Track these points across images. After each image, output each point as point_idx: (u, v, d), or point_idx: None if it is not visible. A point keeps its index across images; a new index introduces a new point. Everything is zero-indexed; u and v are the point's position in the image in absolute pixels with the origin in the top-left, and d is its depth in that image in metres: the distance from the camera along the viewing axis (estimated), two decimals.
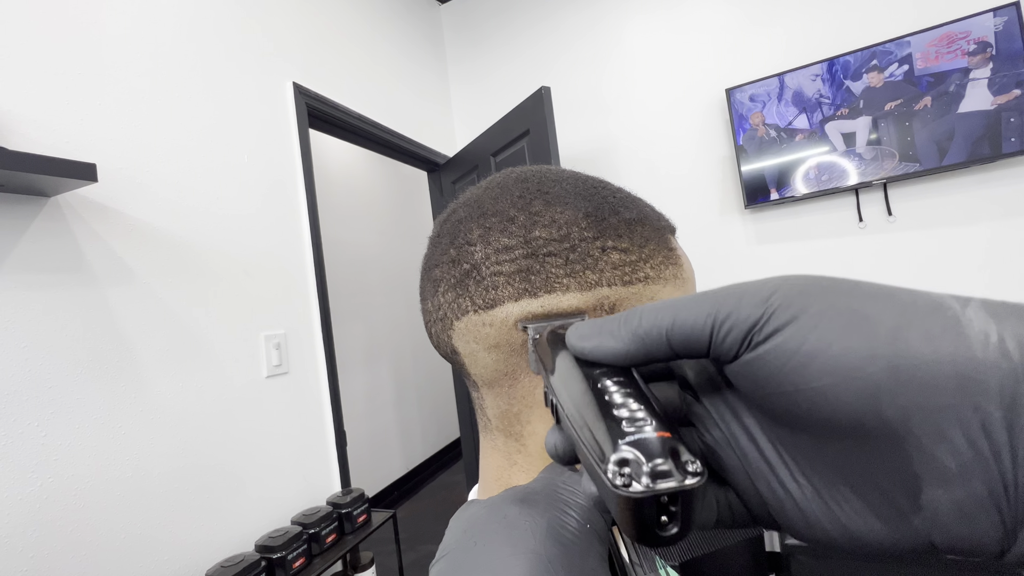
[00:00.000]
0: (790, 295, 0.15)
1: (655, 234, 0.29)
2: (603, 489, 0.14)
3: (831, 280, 0.15)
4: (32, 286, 0.85)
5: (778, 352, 0.14)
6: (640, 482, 0.13)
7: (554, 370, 0.20)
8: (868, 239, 1.77)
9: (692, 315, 0.16)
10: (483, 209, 0.29)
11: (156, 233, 1.05)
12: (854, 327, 0.13)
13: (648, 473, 0.13)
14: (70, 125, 0.92)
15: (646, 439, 0.14)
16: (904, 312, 0.13)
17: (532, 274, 0.27)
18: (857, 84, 1.70)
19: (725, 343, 0.15)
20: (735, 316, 0.15)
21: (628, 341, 0.17)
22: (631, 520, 0.13)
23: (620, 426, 0.15)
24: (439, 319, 0.30)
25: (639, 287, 0.28)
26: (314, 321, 1.43)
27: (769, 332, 0.14)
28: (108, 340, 0.94)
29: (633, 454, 0.14)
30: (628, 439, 0.14)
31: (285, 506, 1.24)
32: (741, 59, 1.91)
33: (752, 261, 1.93)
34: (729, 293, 0.16)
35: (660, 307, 0.17)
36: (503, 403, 0.30)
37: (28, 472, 0.81)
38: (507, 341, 0.28)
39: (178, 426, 1.04)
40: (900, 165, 1.65)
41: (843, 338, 0.13)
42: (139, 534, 0.94)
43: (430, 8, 2.40)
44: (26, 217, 0.85)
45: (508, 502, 0.22)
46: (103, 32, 1.00)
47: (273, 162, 1.37)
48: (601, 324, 0.18)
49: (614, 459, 0.14)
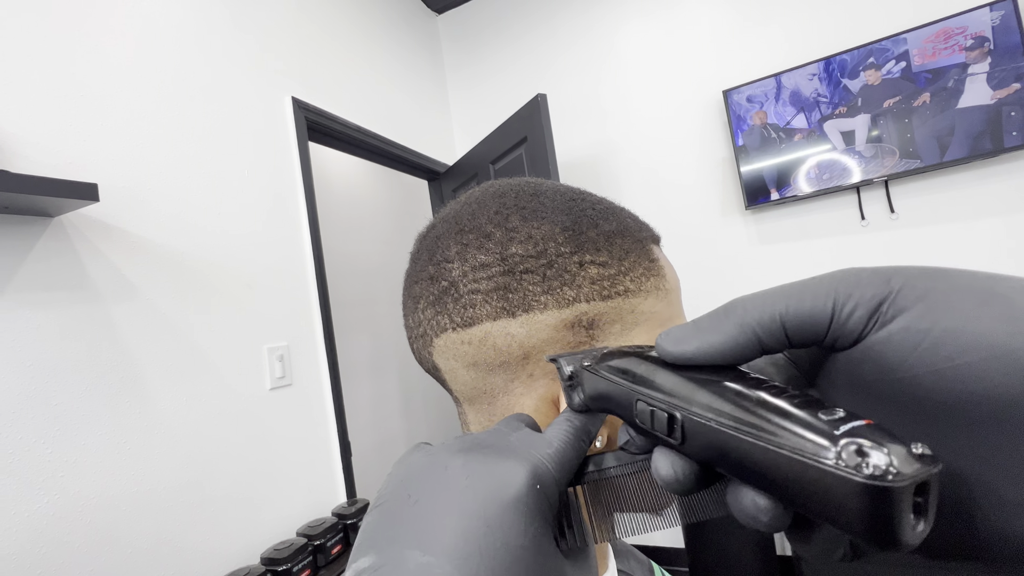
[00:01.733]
0: (912, 275, 0.14)
1: (636, 246, 0.29)
2: (835, 488, 0.12)
3: (940, 267, 0.15)
4: (37, 305, 0.86)
5: (910, 331, 0.13)
6: (894, 470, 0.11)
7: (650, 382, 0.17)
8: (871, 237, 1.75)
9: (809, 297, 0.15)
10: (461, 225, 0.29)
11: (158, 249, 1.06)
12: (989, 304, 0.13)
13: (899, 457, 0.11)
14: (72, 146, 0.94)
15: (861, 426, 0.12)
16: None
17: (510, 292, 0.27)
18: (855, 82, 1.70)
19: (849, 323, 0.14)
20: (858, 294, 0.14)
21: (736, 334, 0.16)
22: (885, 519, 0.11)
23: (816, 416, 0.13)
24: (420, 336, 0.30)
25: (618, 300, 0.27)
26: (317, 332, 1.44)
27: (897, 310, 0.14)
28: (113, 356, 0.96)
29: (863, 444, 0.12)
30: (844, 428, 0.12)
31: (290, 518, 1.24)
32: (738, 60, 1.91)
33: (755, 261, 1.92)
34: (845, 274, 0.15)
35: (765, 295, 0.16)
36: (484, 419, 0.30)
37: (35, 488, 0.82)
38: (485, 360, 0.27)
39: (182, 440, 1.04)
40: (901, 162, 1.64)
41: (980, 315, 0.13)
42: (145, 548, 0.95)
43: (427, 19, 2.43)
44: (30, 237, 0.86)
45: (452, 452, 0.20)
46: (105, 54, 1.02)
47: (274, 176, 1.38)
48: (695, 324, 0.17)
49: (849, 449, 0.12)
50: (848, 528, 0.12)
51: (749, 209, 1.88)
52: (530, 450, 0.19)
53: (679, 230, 2.03)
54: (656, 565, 0.49)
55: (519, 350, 0.27)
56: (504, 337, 0.27)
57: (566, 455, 0.20)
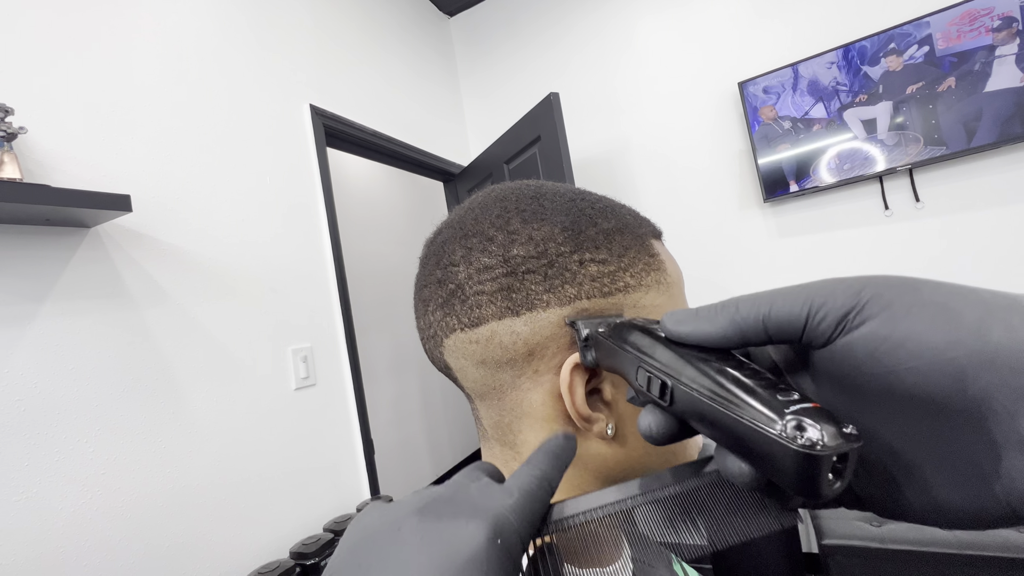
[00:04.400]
0: (880, 289, 0.17)
1: (635, 242, 0.30)
2: (777, 452, 0.15)
3: (916, 279, 0.17)
4: (78, 311, 0.91)
5: (871, 337, 0.16)
6: (822, 443, 0.14)
7: (650, 354, 0.21)
8: (895, 227, 1.71)
9: (789, 303, 0.18)
10: (465, 230, 0.30)
11: (187, 256, 1.10)
12: (941, 318, 0.15)
13: (828, 434, 0.15)
14: (106, 160, 0.98)
15: (808, 408, 0.16)
16: (986, 306, 0.15)
17: (513, 292, 0.28)
18: (875, 69, 1.66)
19: (820, 328, 0.17)
20: (830, 304, 0.17)
21: (725, 326, 0.19)
22: (809, 478, 0.15)
23: (774, 396, 0.16)
24: (431, 337, 0.32)
25: (619, 296, 0.28)
26: (338, 334, 1.47)
27: (863, 319, 0.16)
28: (147, 359, 1.00)
29: (803, 421, 0.15)
30: (792, 408, 0.16)
31: (317, 513, 1.28)
32: (753, 51, 1.89)
33: (774, 255, 1.89)
34: (823, 285, 0.18)
35: (756, 297, 0.19)
36: (495, 414, 0.31)
37: (79, 485, 0.87)
38: (493, 357, 0.29)
39: (214, 438, 1.09)
40: (925, 150, 1.60)
41: (932, 327, 0.15)
42: (181, 543, 0.99)
43: (439, 22, 2.45)
44: (70, 248, 0.91)
45: (407, 512, 0.19)
46: (134, 72, 1.07)
47: (294, 182, 1.42)
48: (695, 311, 0.20)
49: (790, 425, 0.15)
50: (784, 483, 0.16)
51: (767, 202, 1.85)
52: (490, 502, 0.19)
53: (696, 225, 2.01)
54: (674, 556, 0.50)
55: (524, 347, 0.28)
56: (509, 335, 0.28)
57: (528, 505, 0.20)
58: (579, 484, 0.30)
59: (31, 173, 0.86)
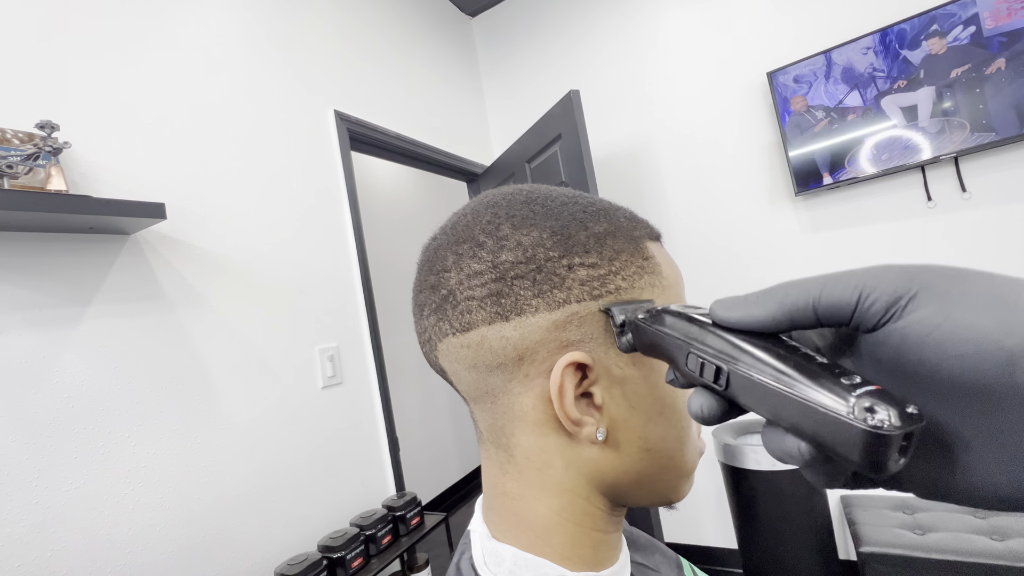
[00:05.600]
0: (932, 276, 0.17)
1: (628, 244, 0.30)
2: (846, 432, 0.16)
3: (967, 269, 0.17)
4: (120, 314, 0.97)
5: (923, 323, 0.16)
6: (890, 423, 0.15)
7: (701, 340, 0.22)
8: (939, 219, 1.62)
9: (840, 287, 0.18)
10: (457, 236, 0.30)
11: (219, 260, 1.15)
12: (993, 307, 0.15)
13: (895, 415, 0.15)
14: (143, 170, 1.04)
15: (872, 390, 0.16)
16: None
17: (502, 297, 0.28)
18: (916, 53, 1.57)
19: (870, 312, 0.17)
20: (881, 289, 0.17)
21: (775, 310, 0.20)
22: (878, 456, 0.15)
23: (838, 380, 0.17)
24: (427, 341, 0.32)
25: (610, 300, 0.28)
26: (364, 334, 1.51)
27: (915, 306, 0.17)
28: (184, 359, 1.05)
29: (871, 403, 0.16)
30: (858, 392, 0.16)
31: (344, 508, 1.32)
32: (782, 40, 1.82)
33: (807, 251, 1.82)
34: (875, 270, 0.18)
35: (806, 281, 0.19)
36: (489, 417, 0.31)
37: (123, 477, 0.92)
38: (484, 362, 0.29)
39: (246, 434, 1.13)
40: (972, 136, 1.51)
41: (983, 315, 0.15)
42: (216, 534, 1.04)
43: (461, 22, 2.47)
44: (111, 254, 0.97)
45: None
46: (168, 86, 1.12)
47: (319, 187, 1.46)
48: (744, 297, 0.21)
49: (859, 406, 0.16)
50: (851, 461, 0.16)
51: (799, 195, 1.78)
52: None
53: (725, 220, 1.96)
54: (685, 561, 0.49)
55: (514, 352, 0.28)
56: (499, 340, 0.28)
57: None
58: (573, 488, 0.30)
59: (76, 185, 0.91)
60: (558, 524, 0.30)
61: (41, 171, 0.83)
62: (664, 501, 0.32)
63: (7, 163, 0.79)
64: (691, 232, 2.02)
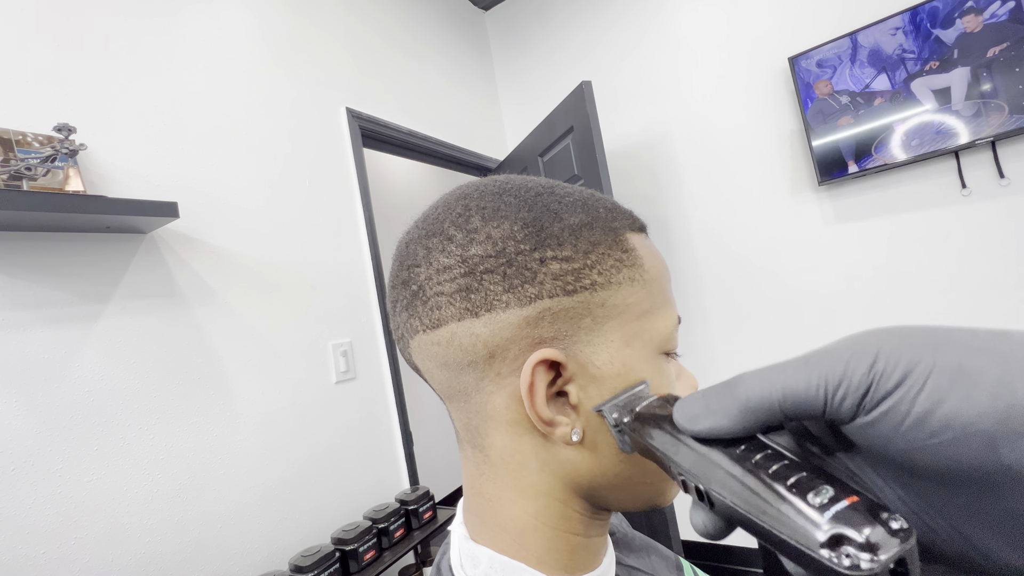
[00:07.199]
0: (894, 354, 0.15)
1: (606, 237, 0.28)
2: (823, 572, 0.14)
3: (933, 329, 0.16)
4: (138, 310, 1.00)
5: (893, 414, 0.15)
6: (866, 558, 0.13)
7: (675, 457, 0.20)
8: (975, 207, 1.54)
9: (802, 384, 0.17)
10: (427, 229, 0.30)
11: (233, 258, 1.18)
12: (961, 384, 0.14)
13: (871, 546, 0.13)
14: (157, 170, 1.06)
15: (844, 509, 0.15)
16: (1006, 363, 0.14)
17: (472, 292, 0.27)
18: (949, 32, 1.49)
19: (841, 409, 0.16)
20: (847, 383, 0.16)
21: (739, 417, 0.18)
22: None
23: (807, 501, 0.15)
24: (400, 338, 0.31)
25: (585, 295, 0.27)
26: (378, 329, 1.52)
27: (880, 396, 0.15)
28: (199, 354, 1.08)
29: (842, 531, 0.14)
30: (828, 514, 0.15)
31: (357, 502, 1.34)
32: (804, 23, 1.75)
33: (831, 241, 1.75)
34: (834, 358, 0.16)
35: (764, 376, 0.18)
36: (463, 416, 0.30)
37: (141, 468, 0.95)
38: (454, 360, 0.28)
39: (260, 428, 1.16)
40: (1011, 119, 1.42)
41: (952, 396, 0.14)
42: (232, 525, 1.06)
43: (474, 17, 2.45)
44: (129, 252, 0.99)
45: None
46: (182, 86, 1.15)
47: (332, 184, 1.48)
48: (706, 402, 0.20)
49: (826, 540, 0.14)
50: None
51: (823, 185, 1.71)
52: None
53: (745, 211, 1.90)
54: (686, 561, 0.47)
55: (484, 349, 0.27)
56: (469, 337, 0.27)
57: None
58: (549, 491, 0.29)
59: (93, 185, 0.94)
60: (534, 527, 0.29)
61: (59, 173, 0.86)
62: (648, 505, 0.31)
63: (26, 165, 0.82)
64: (710, 224, 1.97)
